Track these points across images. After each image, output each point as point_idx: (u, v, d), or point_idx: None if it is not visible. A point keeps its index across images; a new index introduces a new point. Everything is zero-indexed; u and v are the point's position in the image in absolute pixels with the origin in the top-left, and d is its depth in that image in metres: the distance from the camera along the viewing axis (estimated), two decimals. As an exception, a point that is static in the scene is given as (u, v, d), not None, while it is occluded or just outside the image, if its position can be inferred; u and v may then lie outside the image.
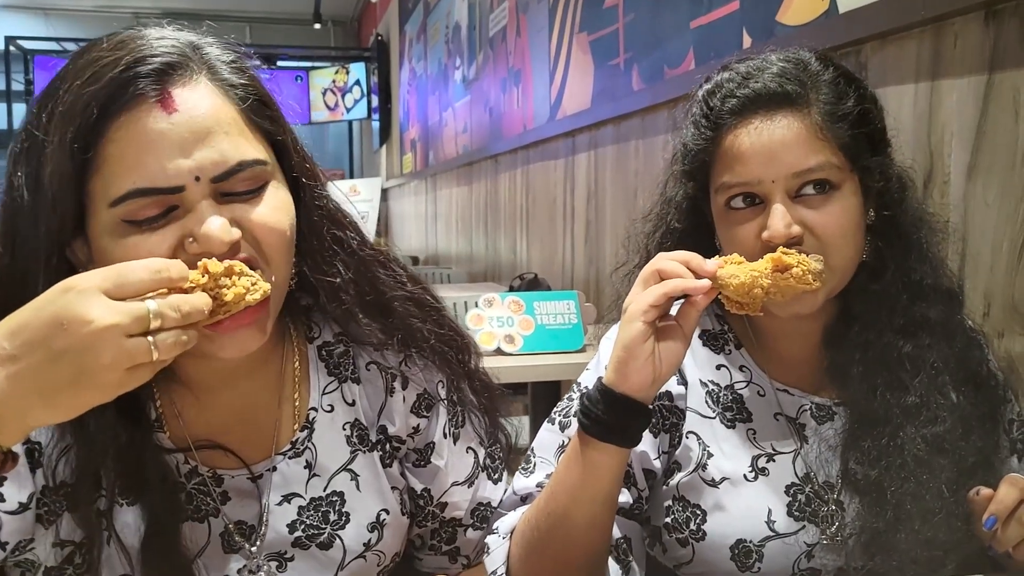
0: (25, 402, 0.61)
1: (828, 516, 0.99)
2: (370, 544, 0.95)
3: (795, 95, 0.96)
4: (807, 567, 0.99)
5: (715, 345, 1.09)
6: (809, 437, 1.03)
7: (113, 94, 0.75)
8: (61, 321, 0.61)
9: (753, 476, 1.01)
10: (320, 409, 0.96)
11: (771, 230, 0.94)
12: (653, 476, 1.04)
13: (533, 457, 1.06)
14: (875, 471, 0.96)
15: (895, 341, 0.99)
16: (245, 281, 0.74)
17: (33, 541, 0.85)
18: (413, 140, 7.49)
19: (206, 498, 0.90)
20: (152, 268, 0.66)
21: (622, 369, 0.89)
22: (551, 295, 2.38)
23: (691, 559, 1.01)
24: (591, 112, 3.02)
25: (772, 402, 1.05)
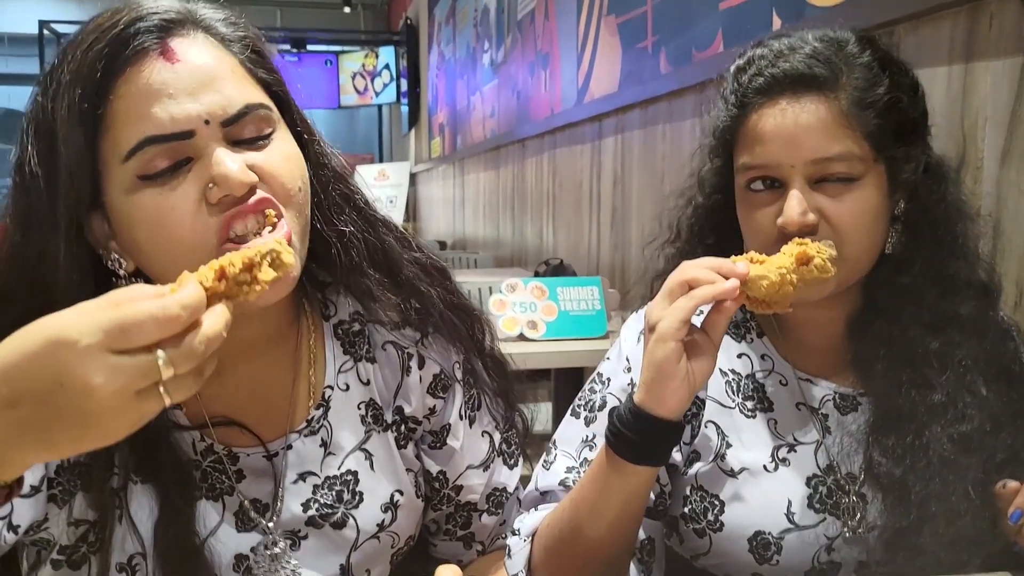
0: (24, 447, 0.58)
1: (850, 508, 0.97)
2: (384, 525, 0.94)
3: (823, 79, 0.93)
4: (827, 560, 0.97)
5: (736, 333, 1.07)
6: (832, 428, 1.01)
7: (115, 51, 0.77)
8: (61, 382, 0.56)
9: (773, 467, 0.99)
10: (336, 387, 0.96)
11: (786, 217, 0.92)
12: (675, 468, 1.02)
13: (555, 449, 1.04)
14: (899, 469, 0.94)
15: (922, 337, 0.96)
16: (269, 272, 0.68)
17: (47, 521, 0.85)
18: (441, 124, 7.48)
19: (221, 476, 0.89)
20: (161, 319, 0.58)
21: (656, 392, 0.85)
22: (574, 281, 2.36)
23: (708, 550, 0.99)
24: (618, 96, 2.99)
25: (794, 391, 1.03)
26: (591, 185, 3.35)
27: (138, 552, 0.86)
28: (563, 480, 1.00)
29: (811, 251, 0.88)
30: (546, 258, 3.59)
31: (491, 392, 1.04)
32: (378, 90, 10.05)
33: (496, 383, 1.05)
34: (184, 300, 0.59)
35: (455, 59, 6.74)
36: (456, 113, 6.72)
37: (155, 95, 0.76)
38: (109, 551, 0.85)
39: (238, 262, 0.66)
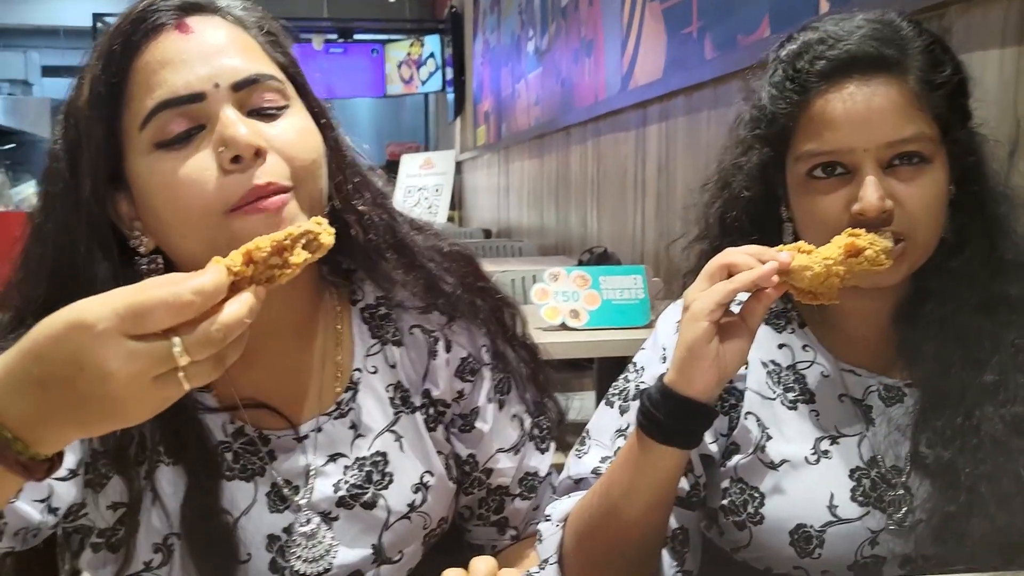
0: (59, 426, 0.60)
1: (895, 501, 0.95)
2: (415, 505, 0.95)
3: (892, 60, 0.91)
4: (871, 554, 0.95)
5: (777, 324, 1.05)
6: (876, 419, 0.99)
7: (134, 29, 0.80)
8: (80, 365, 0.57)
9: (815, 459, 0.98)
10: (364, 370, 0.97)
11: (864, 203, 0.89)
12: (710, 460, 1.01)
13: (588, 439, 1.04)
14: (948, 452, 0.92)
15: (972, 318, 0.94)
16: (301, 255, 0.67)
17: (86, 507, 0.87)
18: (486, 112, 7.47)
19: (253, 457, 0.91)
20: (173, 305, 0.58)
21: (686, 372, 0.85)
22: (618, 269, 2.35)
23: (748, 543, 0.98)
24: (662, 82, 2.96)
25: (837, 383, 1.01)
26: (635, 173, 3.32)
27: (172, 532, 0.87)
28: (596, 468, 1.00)
29: (862, 243, 0.86)
30: (590, 246, 3.57)
31: (521, 377, 1.03)
32: (424, 79, 10.08)
33: (526, 369, 1.04)
34: (196, 286, 0.59)
35: (500, 47, 6.73)
36: (501, 101, 6.71)
37: (168, 63, 0.80)
38: (136, 533, 0.87)
39: (266, 245, 0.65)
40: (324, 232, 0.68)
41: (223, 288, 0.61)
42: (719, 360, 0.84)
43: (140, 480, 0.86)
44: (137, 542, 0.87)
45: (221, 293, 0.60)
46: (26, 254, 0.85)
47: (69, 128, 0.83)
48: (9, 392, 0.58)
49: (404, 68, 10.27)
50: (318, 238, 0.68)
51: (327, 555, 0.91)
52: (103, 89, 0.80)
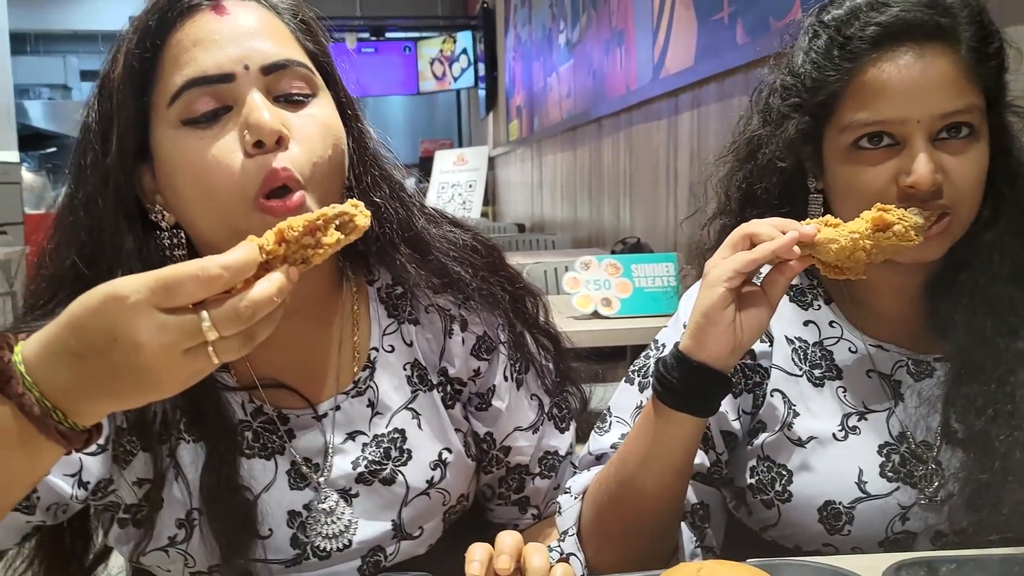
0: (96, 396, 0.61)
1: (926, 476, 0.94)
2: (433, 482, 0.95)
3: (946, 28, 0.88)
4: (902, 530, 0.93)
5: (803, 301, 1.04)
6: (905, 394, 0.97)
7: (171, 6, 0.82)
8: (113, 336, 0.58)
9: (843, 435, 0.96)
10: (381, 349, 0.97)
11: (917, 176, 0.87)
12: (733, 438, 1.00)
13: (609, 416, 1.03)
14: (980, 421, 0.90)
15: (1005, 288, 0.92)
16: (334, 235, 0.67)
17: (113, 482, 0.88)
18: (518, 107, 7.47)
19: (272, 436, 0.92)
20: (201, 278, 0.59)
21: (700, 336, 0.84)
22: (649, 257, 2.34)
23: (777, 521, 0.97)
24: (694, 70, 2.93)
25: (864, 359, 0.99)
26: (668, 162, 3.30)
27: (194, 507, 0.89)
28: (615, 444, 0.99)
29: (891, 218, 0.84)
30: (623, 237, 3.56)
31: (540, 361, 1.03)
32: (456, 75, 10.10)
33: (547, 356, 1.04)
34: (225, 261, 0.60)
35: (531, 41, 6.72)
36: (533, 95, 6.71)
37: (201, 42, 0.81)
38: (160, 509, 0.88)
39: (299, 225, 0.65)
40: (360, 214, 0.68)
41: (252, 264, 0.61)
42: (735, 328, 0.83)
43: (164, 456, 0.88)
44: (161, 518, 0.89)
45: (250, 269, 0.61)
46: (58, 222, 0.88)
47: (103, 100, 0.84)
48: (49, 363, 0.60)
49: (436, 65, 10.30)
50: (353, 219, 0.68)
51: (347, 531, 0.92)
52: (136, 63, 0.81)
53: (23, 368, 0.60)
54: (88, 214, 0.84)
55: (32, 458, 0.63)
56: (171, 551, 0.89)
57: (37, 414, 0.60)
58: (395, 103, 12.77)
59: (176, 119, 0.81)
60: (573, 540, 0.94)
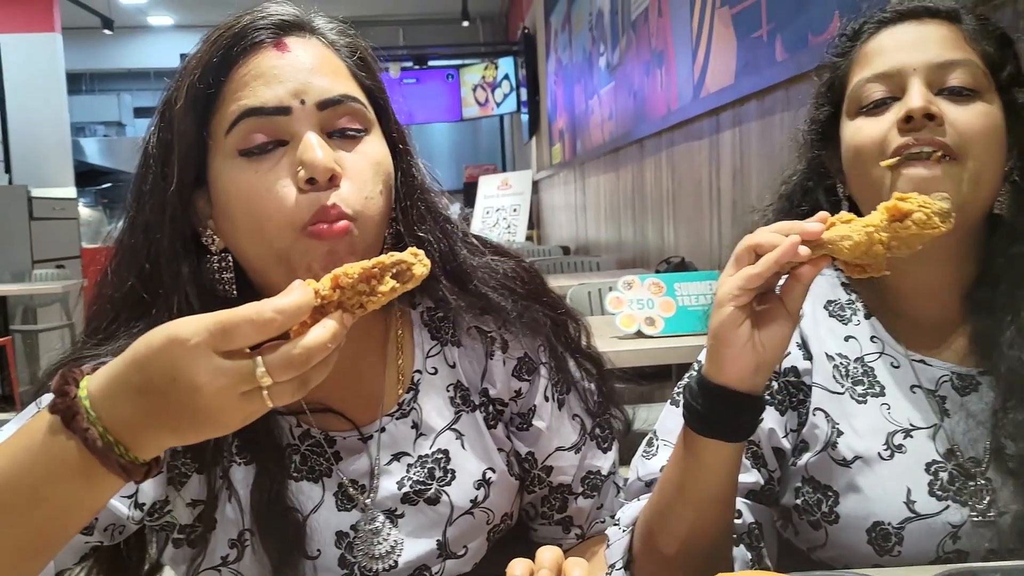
0: (156, 432, 0.63)
1: (976, 493, 0.91)
2: (477, 501, 0.96)
3: (947, 11, 0.95)
4: (953, 549, 0.91)
5: (842, 316, 1.02)
6: (951, 410, 0.95)
7: (234, 42, 0.85)
8: (174, 376, 0.60)
9: (889, 454, 0.94)
10: (424, 371, 0.99)
11: (908, 103, 0.89)
12: (783, 455, 0.98)
13: (656, 440, 1.02)
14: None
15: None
16: (389, 283, 0.67)
17: (169, 503, 0.91)
18: (561, 130, 7.50)
19: (319, 459, 0.93)
20: (256, 322, 0.61)
21: (716, 359, 0.80)
22: (693, 275, 2.32)
23: (825, 542, 0.95)
24: (734, 87, 2.92)
25: (908, 374, 0.97)
26: (710, 181, 3.29)
27: (246, 528, 0.90)
28: (664, 467, 0.98)
29: (909, 206, 0.78)
30: (667, 257, 3.55)
31: (581, 383, 1.04)
32: (499, 101, 10.19)
33: (589, 378, 1.04)
34: (279, 305, 0.62)
35: (572, 64, 6.76)
36: (575, 118, 6.74)
37: (261, 76, 0.84)
38: (214, 529, 0.90)
39: (355, 272, 0.66)
40: (418, 263, 0.68)
41: (305, 308, 0.63)
42: (754, 346, 0.79)
43: (217, 478, 0.90)
44: (215, 537, 0.90)
45: (304, 313, 0.63)
46: (119, 245, 0.91)
47: (163, 128, 0.87)
48: (112, 398, 0.63)
49: (479, 91, 10.40)
50: (411, 268, 0.68)
51: (393, 551, 0.93)
52: (198, 95, 0.85)
53: (88, 403, 0.63)
54: (147, 239, 0.87)
55: (94, 489, 0.64)
56: (224, 570, 0.91)
57: (100, 448, 0.62)
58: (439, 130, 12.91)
59: (233, 149, 0.84)
60: (621, 574, 0.92)
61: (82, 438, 0.62)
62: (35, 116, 8.38)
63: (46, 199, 7.24)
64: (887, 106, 0.93)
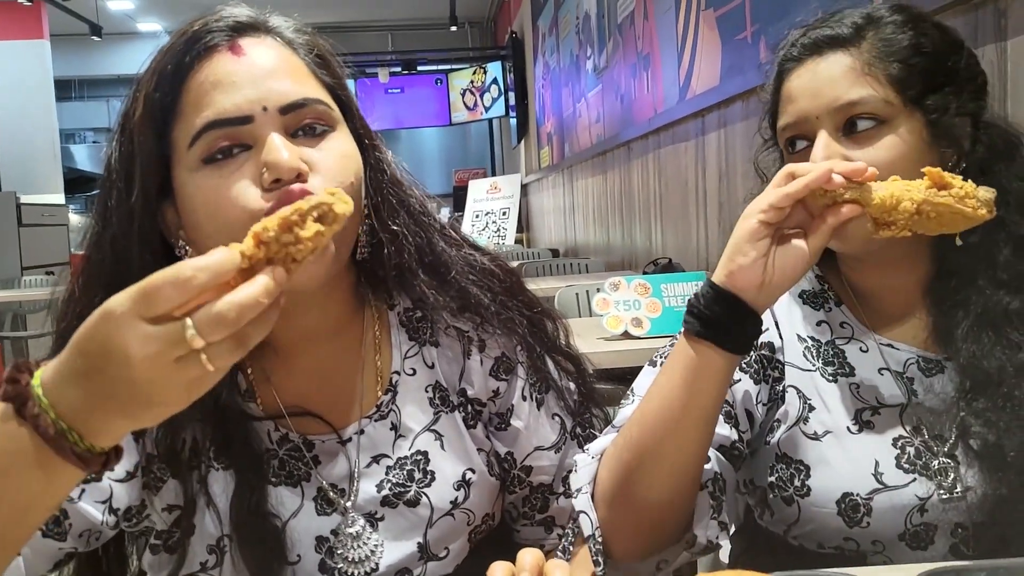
0: (107, 415, 0.61)
1: (942, 470, 0.95)
2: (457, 502, 0.96)
3: (845, 37, 0.96)
4: (920, 523, 0.94)
5: (815, 303, 1.07)
6: (918, 391, 0.99)
7: (187, 48, 0.84)
8: (108, 350, 0.59)
9: (857, 429, 0.98)
10: (402, 372, 0.98)
11: (811, 160, 0.93)
12: (753, 421, 1.01)
13: (632, 395, 1.04)
14: (993, 435, 0.91)
15: (999, 297, 0.94)
16: (313, 227, 0.64)
17: (146, 508, 0.91)
18: (549, 134, 7.53)
19: (298, 463, 0.93)
20: (176, 280, 0.58)
21: (728, 265, 0.85)
22: (678, 276, 2.34)
23: (798, 518, 0.98)
24: (719, 89, 2.95)
25: (876, 357, 1.01)
26: (696, 182, 3.31)
27: (225, 534, 0.90)
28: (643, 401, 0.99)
29: (951, 180, 0.83)
30: (655, 258, 3.57)
31: (560, 383, 1.04)
32: (487, 105, 10.21)
33: (568, 377, 1.05)
34: (198, 262, 0.59)
35: (560, 68, 6.78)
36: (563, 121, 6.76)
37: (219, 84, 0.83)
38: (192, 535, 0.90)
39: (273, 225, 0.63)
40: (338, 201, 0.65)
41: (227, 264, 0.60)
42: (766, 264, 0.84)
43: (194, 483, 0.90)
44: (193, 544, 0.90)
45: (226, 270, 0.60)
46: (87, 260, 0.90)
47: (124, 142, 0.87)
48: (61, 385, 0.61)
49: (468, 95, 10.42)
50: (332, 208, 0.64)
51: (373, 555, 0.93)
52: (156, 106, 0.84)
53: (40, 391, 0.61)
54: (115, 253, 0.86)
55: (52, 481, 0.63)
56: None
57: (52, 435, 0.60)
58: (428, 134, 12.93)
59: (197, 159, 0.83)
60: (586, 498, 0.94)
61: (33, 425, 0.60)
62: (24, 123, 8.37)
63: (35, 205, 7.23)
64: (804, 150, 0.97)
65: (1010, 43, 1.47)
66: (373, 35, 11.76)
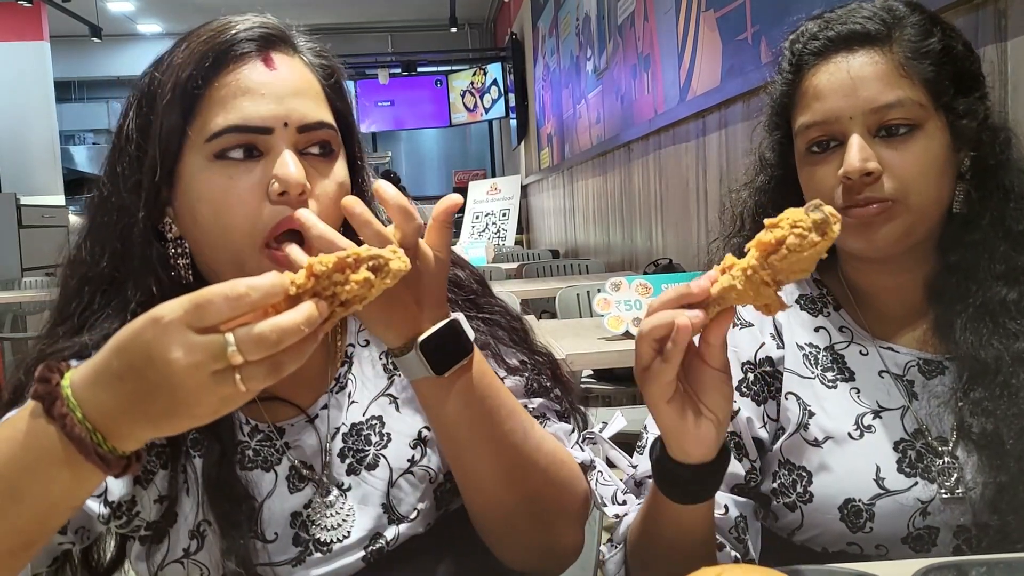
0: (133, 419, 0.63)
1: (944, 471, 0.95)
2: (415, 460, 0.97)
3: (877, 33, 0.95)
4: (923, 525, 0.94)
5: (813, 308, 1.06)
6: (918, 393, 0.99)
7: (224, 50, 0.88)
8: (151, 354, 0.61)
9: (858, 434, 0.97)
10: (356, 344, 1.02)
11: (847, 164, 0.92)
12: (762, 444, 1.01)
13: (646, 434, 1.04)
14: (991, 423, 0.91)
15: (998, 289, 0.94)
16: (364, 273, 0.65)
17: (136, 504, 0.92)
18: (549, 135, 7.53)
19: (271, 450, 0.96)
20: (229, 296, 0.61)
21: (678, 448, 0.79)
22: (679, 276, 2.34)
23: (800, 523, 0.98)
24: (720, 90, 2.95)
25: (876, 360, 1.01)
26: (697, 183, 3.31)
27: (204, 519, 0.92)
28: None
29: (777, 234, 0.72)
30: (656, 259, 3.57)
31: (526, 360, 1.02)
32: (487, 106, 10.22)
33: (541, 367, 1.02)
34: (252, 281, 0.61)
35: (560, 69, 6.79)
36: (563, 123, 6.76)
37: (249, 91, 0.87)
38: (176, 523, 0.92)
39: (328, 261, 0.65)
40: (396, 258, 0.66)
41: (279, 288, 0.63)
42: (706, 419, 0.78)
43: (180, 472, 0.92)
44: (176, 531, 0.93)
45: (277, 292, 0.63)
46: (92, 221, 0.93)
47: (142, 116, 0.90)
48: (94, 386, 0.63)
49: (468, 97, 10.43)
50: (388, 264, 0.66)
51: (346, 522, 0.95)
52: (186, 93, 0.87)
53: (69, 391, 0.63)
54: (119, 219, 0.90)
55: (76, 480, 0.64)
56: (187, 563, 0.92)
57: (78, 435, 0.62)
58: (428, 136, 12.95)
59: (210, 153, 0.86)
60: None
61: (60, 424, 0.62)
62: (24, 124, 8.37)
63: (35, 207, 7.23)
64: (831, 150, 0.95)
65: (1010, 43, 1.47)
66: (373, 37, 11.77)
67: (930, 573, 0.78)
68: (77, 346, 0.88)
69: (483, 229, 8.66)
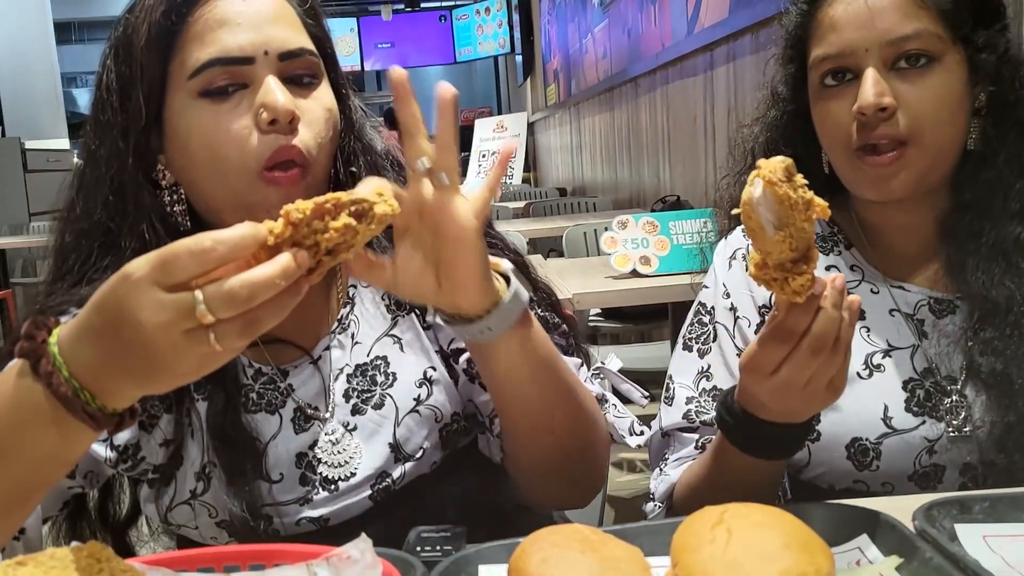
0: (116, 376, 0.62)
1: (952, 409, 0.95)
2: (421, 399, 0.98)
3: None
4: (929, 463, 0.95)
5: (824, 247, 1.05)
6: (929, 332, 0.98)
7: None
8: (122, 312, 0.58)
9: (867, 373, 0.97)
10: (358, 285, 1.02)
11: (861, 99, 0.90)
12: None
13: (672, 384, 1.05)
14: (1000, 363, 0.91)
15: (1012, 228, 0.93)
16: (344, 219, 0.62)
17: (141, 449, 0.94)
18: (555, 71, 7.43)
19: (275, 393, 0.97)
20: (194, 250, 0.57)
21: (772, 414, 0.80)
22: (686, 214, 2.32)
23: (808, 461, 0.98)
24: (728, 22, 2.89)
25: (887, 299, 1.01)
26: (705, 118, 3.27)
27: (209, 461, 0.93)
28: (686, 413, 1.01)
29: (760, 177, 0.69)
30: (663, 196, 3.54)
31: None
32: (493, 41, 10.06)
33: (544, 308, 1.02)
34: (218, 234, 0.58)
35: (566, 3, 6.66)
36: (569, 58, 6.66)
37: (225, 23, 0.86)
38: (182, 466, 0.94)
39: (306, 207, 0.61)
40: (381, 202, 0.63)
41: (249, 239, 0.59)
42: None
43: (184, 415, 0.93)
44: (183, 473, 0.94)
45: (246, 245, 0.58)
46: (82, 176, 0.93)
47: (121, 61, 0.90)
48: (77, 343, 0.62)
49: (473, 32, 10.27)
50: (373, 207, 0.62)
51: (352, 461, 0.96)
52: (162, 32, 0.87)
53: (55, 349, 0.62)
54: (108, 170, 0.89)
55: (66, 437, 0.63)
56: (195, 504, 0.93)
57: (64, 393, 0.61)
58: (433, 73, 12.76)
59: (195, 90, 0.86)
60: None
61: (47, 382, 0.61)
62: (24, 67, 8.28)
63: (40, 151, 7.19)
64: (846, 83, 0.93)
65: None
66: (376, -29, 11.54)
67: (933, 508, 0.79)
68: (77, 298, 0.88)
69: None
